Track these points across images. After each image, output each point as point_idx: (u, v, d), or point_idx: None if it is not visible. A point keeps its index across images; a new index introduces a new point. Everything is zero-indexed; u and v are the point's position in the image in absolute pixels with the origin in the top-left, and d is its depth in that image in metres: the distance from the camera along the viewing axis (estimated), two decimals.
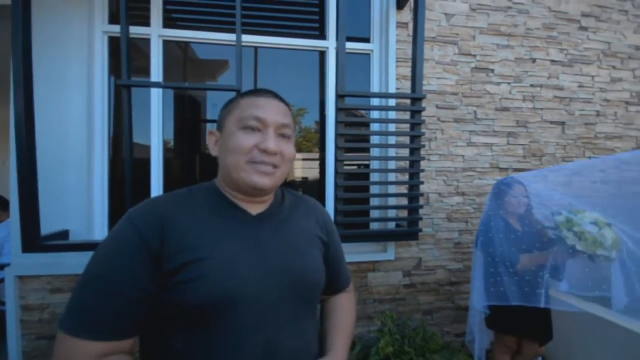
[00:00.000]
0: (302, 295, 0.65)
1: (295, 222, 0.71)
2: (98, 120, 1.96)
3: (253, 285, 0.58)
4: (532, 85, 2.41)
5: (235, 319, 0.56)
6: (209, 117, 2.65)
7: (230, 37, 2.04)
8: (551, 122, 2.44)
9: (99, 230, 1.96)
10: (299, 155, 2.80)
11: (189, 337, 0.56)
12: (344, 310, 0.80)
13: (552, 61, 2.44)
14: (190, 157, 2.52)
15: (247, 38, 2.10)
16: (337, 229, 0.83)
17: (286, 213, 0.71)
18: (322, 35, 2.28)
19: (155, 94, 2.06)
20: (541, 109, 2.42)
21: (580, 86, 2.49)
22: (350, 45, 2.23)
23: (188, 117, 2.56)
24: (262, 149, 0.62)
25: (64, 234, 1.83)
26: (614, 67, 2.57)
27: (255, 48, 2.27)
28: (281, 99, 0.70)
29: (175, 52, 2.31)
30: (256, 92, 0.68)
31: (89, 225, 1.94)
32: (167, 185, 2.11)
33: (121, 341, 0.54)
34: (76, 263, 1.80)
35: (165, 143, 2.17)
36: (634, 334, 1.72)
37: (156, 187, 2.05)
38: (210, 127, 2.64)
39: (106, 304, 0.53)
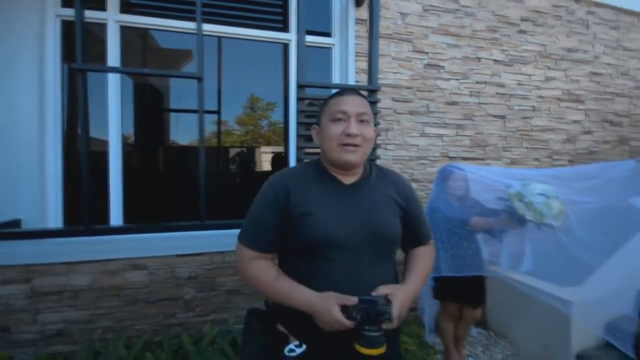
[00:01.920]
0: (379, 243, 0.87)
1: (378, 190, 0.92)
2: (50, 108, 1.89)
3: (342, 232, 0.82)
4: (477, 82, 2.65)
5: (331, 253, 0.82)
6: (173, 107, 2.64)
7: (192, 25, 2.05)
8: (494, 116, 2.71)
9: (53, 220, 1.92)
10: (267, 149, 2.87)
11: (305, 263, 0.84)
12: (420, 256, 1.00)
13: (495, 60, 2.69)
14: (153, 147, 2.50)
15: (209, 27, 2.11)
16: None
17: (372, 183, 0.93)
18: (285, 28, 2.35)
19: (113, 83, 2.01)
20: (485, 103, 2.68)
21: (519, 84, 2.77)
22: (312, 38, 2.32)
23: (150, 108, 2.53)
24: (346, 133, 0.83)
25: (16, 223, 1.78)
26: (548, 67, 2.89)
27: (219, 38, 2.30)
28: (359, 94, 0.91)
29: (134, 39, 2.27)
30: (340, 92, 0.90)
31: (42, 215, 1.88)
32: (128, 175, 2.09)
33: (267, 253, 0.87)
34: (29, 252, 1.76)
35: (124, 133, 2.13)
36: (547, 294, 2.01)
37: (115, 177, 2.02)
38: (174, 117, 2.63)
39: (258, 231, 0.86)
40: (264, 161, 2.77)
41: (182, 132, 2.60)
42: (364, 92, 2.25)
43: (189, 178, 2.42)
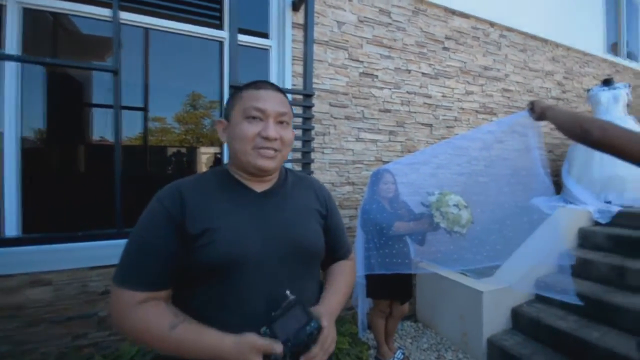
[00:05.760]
0: (301, 259, 0.76)
1: (296, 197, 0.82)
2: None
3: (256, 250, 0.70)
4: (408, 92, 2.85)
5: (241, 277, 0.68)
6: (95, 100, 2.36)
7: (110, 12, 1.87)
8: (422, 124, 2.94)
9: None
10: (203, 150, 2.72)
11: (206, 291, 0.69)
12: (340, 272, 0.90)
13: (423, 73, 2.92)
14: (67, 146, 2.21)
15: (134, 17, 1.95)
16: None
17: (288, 190, 0.82)
18: (220, 26, 2.27)
19: (11, 71, 1.74)
20: (415, 112, 2.89)
21: (443, 96, 3.05)
22: (248, 39, 2.28)
23: (65, 101, 2.23)
24: (263, 136, 0.72)
25: None
26: (468, 82, 3.22)
27: (146, 29, 2.13)
28: (279, 90, 0.78)
29: (46, 24, 1.99)
30: (256, 84, 0.76)
31: None
32: (30, 178, 1.82)
33: (158, 291, 0.67)
34: None
35: (34, 129, 1.85)
36: (467, 287, 2.24)
37: (10, 180, 1.74)
38: (99, 112, 2.35)
39: (144, 262, 0.66)
40: (204, 162, 2.63)
41: (109, 129, 2.35)
42: (299, 97, 2.28)
43: (110, 181, 2.19)
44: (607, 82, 3.27)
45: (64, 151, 2.18)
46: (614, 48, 4.73)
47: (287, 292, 0.68)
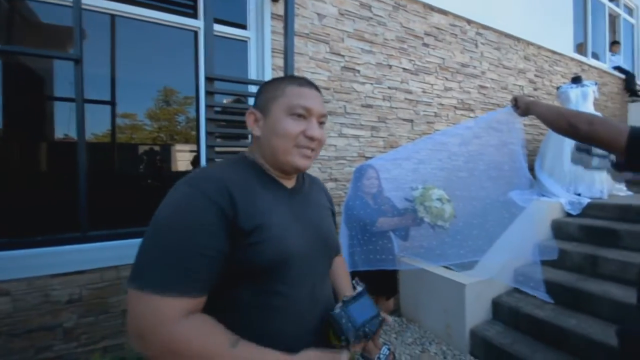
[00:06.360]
0: (329, 254, 0.80)
1: (314, 196, 0.84)
2: None
3: (301, 246, 0.69)
4: (389, 88, 2.84)
5: (290, 273, 0.66)
6: (58, 94, 2.17)
7: None
8: (403, 120, 2.94)
9: None
10: (178, 148, 2.59)
11: (255, 289, 0.64)
12: (343, 268, 0.97)
13: (404, 69, 2.93)
14: (30, 142, 2.01)
15: (98, 2, 1.80)
16: None
17: (307, 189, 0.82)
18: (195, 15, 2.14)
19: None
20: (396, 108, 2.89)
21: (423, 92, 3.07)
22: (225, 29, 2.17)
23: (25, 95, 2.03)
24: (308, 135, 0.70)
25: None
26: (446, 79, 3.26)
27: (112, 16, 1.97)
28: (318, 88, 0.77)
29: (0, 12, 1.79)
30: (299, 81, 0.74)
31: None
32: None
33: (201, 297, 0.58)
34: None
35: None
36: (450, 280, 2.26)
37: None
38: (63, 108, 2.16)
39: (193, 263, 0.57)
40: (180, 161, 2.49)
41: (73, 126, 2.16)
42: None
43: (74, 181, 2.02)
44: (576, 80, 3.41)
45: (22, 149, 1.99)
46: (580, 48, 4.98)
47: (356, 279, 0.75)
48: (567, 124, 0.88)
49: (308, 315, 0.68)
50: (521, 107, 1.14)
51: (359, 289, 0.71)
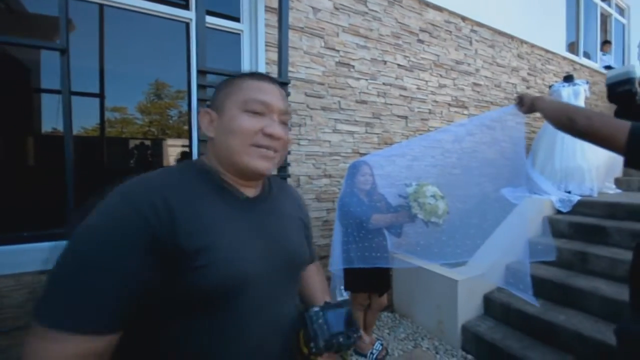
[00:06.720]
0: (294, 273, 0.71)
1: (283, 206, 0.74)
2: None
3: (260, 267, 0.60)
4: (384, 84, 2.83)
5: (246, 298, 0.58)
6: (45, 86, 2.10)
7: None
8: (398, 116, 2.94)
9: None
10: (170, 142, 2.54)
11: (205, 319, 0.55)
12: (319, 275, 0.88)
13: (399, 65, 2.91)
14: (17, 136, 1.95)
15: None
16: None
17: (274, 197, 0.73)
18: (187, 5, 2.10)
19: None
20: (391, 104, 2.88)
21: (418, 88, 3.07)
22: (218, 21, 2.13)
23: (11, 87, 1.96)
24: (267, 133, 0.62)
25: None
26: (441, 76, 3.26)
27: (101, 5, 1.92)
28: (279, 83, 0.70)
29: None
30: (257, 75, 0.67)
31: None
32: None
33: (108, 335, 0.48)
34: None
35: None
36: (443, 276, 2.27)
37: None
38: (51, 102, 2.10)
39: (101, 292, 0.47)
40: (171, 155, 2.45)
41: (61, 119, 2.10)
42: None
43: (62, 175, 1.97)
44: (568, 79, 3.45)
45: (8, 143, 1.93)
46: (571, 47, 5.03)
47: (342, 287, 0.67)
48: (566, 118, 0.86)
49: (269, 342, 0.61)
50: (527, 104, 1.12)
51: (344, 296, 0.68)
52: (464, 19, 3.41)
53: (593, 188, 3.04)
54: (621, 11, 6.16)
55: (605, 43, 5.66)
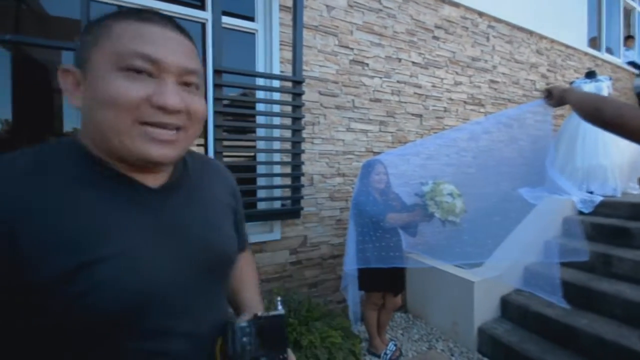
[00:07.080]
0: (219, 272, 0.56)
1: (206, 189, 0.58)
2: None
3: (166, 277, 0.46)
4: (398, 82, 2.79)
5: (150, 319, 0.44)
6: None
7: None
8: (412, 115, 2.90)
9: None
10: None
11: (97, 351, 0.42)
12: (249, 268, 0.74)
13: (413, 62, 2.87)
14: (41, 136, 2.02)
15: None
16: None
17: (194, 180, 0.56)
18: (202, 6, 2.12)
19: None
20: (405, 102, 2.84)
21: (433, 86, 3.02)
22: (233, 21, 2.14)
23: (35, 89, 2.04)
24: (157, 105, 0.42)
25: None
26: (457, 73, 3.20)
27: (119, 7, 1.95)
28: (182, 30, 0.47)
29: (7, 6, 1.79)
30: (140, 13, 0.45)
31: None
32: None
33: None
34: None
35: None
36: (458, 277, 2.24)
37: None
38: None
39: None
40: None
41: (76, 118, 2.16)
42: (287, 84, 2.17)
43: None
44: (590, 75, 3.33)
45: (30, 142, 2.00)
46: (593, 42, 4.85)
47: (279, 299, 0.59)
48: (593, 108, 0.81)
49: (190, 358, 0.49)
50: (556, 96, 1.06)
51: (279, 310, 0.56)
52: (480, 14, 3.33)
53: (616, 188, 2.93)
54: None
55: (629, 38, 5.44)
